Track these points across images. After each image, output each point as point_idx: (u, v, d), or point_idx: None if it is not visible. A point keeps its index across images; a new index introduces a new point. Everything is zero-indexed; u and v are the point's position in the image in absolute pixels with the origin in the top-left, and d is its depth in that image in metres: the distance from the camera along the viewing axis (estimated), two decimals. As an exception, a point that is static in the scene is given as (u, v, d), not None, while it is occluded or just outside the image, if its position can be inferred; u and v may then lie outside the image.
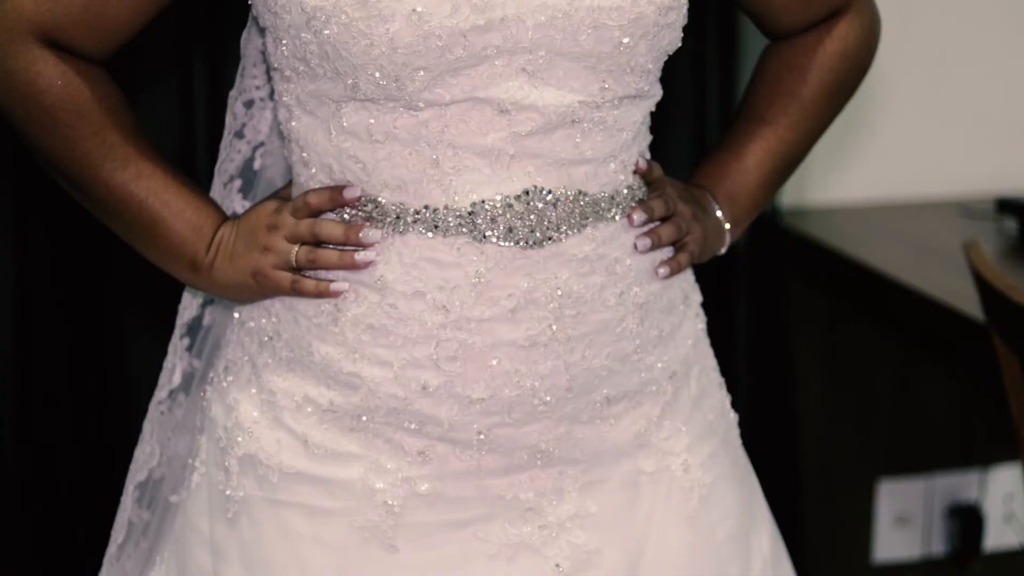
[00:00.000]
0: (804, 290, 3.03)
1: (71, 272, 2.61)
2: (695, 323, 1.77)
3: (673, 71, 2.70)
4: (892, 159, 3.12)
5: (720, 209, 1.82)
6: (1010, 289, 2.12)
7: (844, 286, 2.87)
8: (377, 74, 1.52)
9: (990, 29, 3.14)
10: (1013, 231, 2.86)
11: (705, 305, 1.81)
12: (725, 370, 1.85)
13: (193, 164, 2.52)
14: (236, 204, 1.79)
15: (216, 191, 1.79)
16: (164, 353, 1.82)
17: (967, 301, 2.41)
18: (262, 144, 1.79)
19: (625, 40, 1.56)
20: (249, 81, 1.78)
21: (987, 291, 2.18)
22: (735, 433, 1.83)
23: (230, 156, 1.80)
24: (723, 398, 1.82)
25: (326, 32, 1.52)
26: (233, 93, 1.79)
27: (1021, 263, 2.74)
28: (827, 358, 3.11)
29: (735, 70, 2.80)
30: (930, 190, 3.13)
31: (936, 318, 2.51)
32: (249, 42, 1.76)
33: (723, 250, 1.83)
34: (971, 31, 3.12)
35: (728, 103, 2.83)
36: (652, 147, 1.72)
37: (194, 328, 1.81)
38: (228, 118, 1.80)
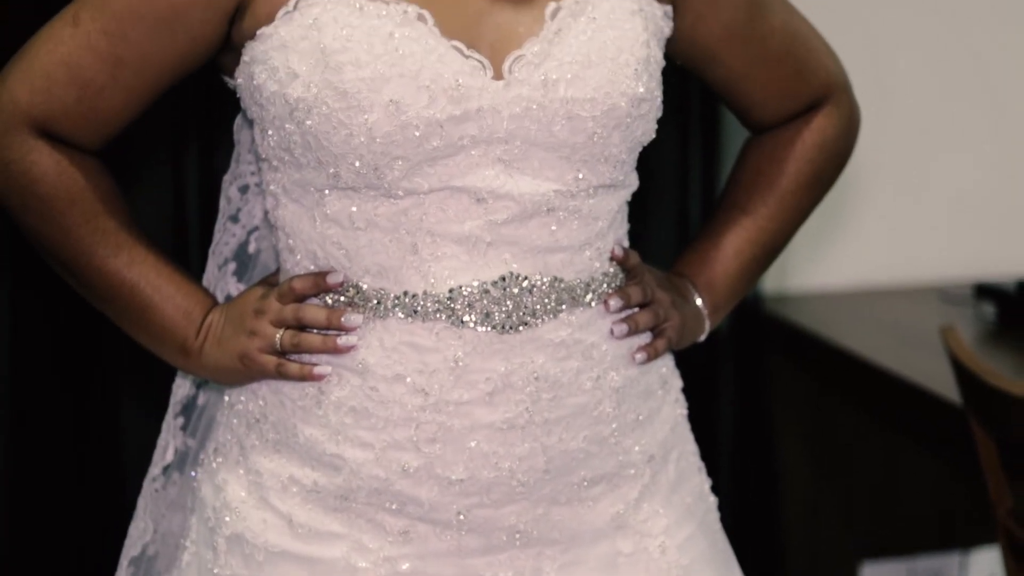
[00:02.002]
0: (787, 375, 3.07)
1: (66, 348, 2.64)
2: (674, 408, 1.80)
3: (657, 160, 2.76)
4: (872, 245, 3.17)
5: (699, 297, 1.85)
6: (985, 373, 2.16)
7: (826, 371, 2.91)
8: (357, 163, 1.57)
9: (967, 116, 3.19)
10: (991, 316, 2.90)
11: (689, 390, 1.84)
12: (709, 453, 1.89)
13: (185, 248, 2.56)
14: (231, 287, 1.83)
15: (210, 274, 1.84)
16: (158, 430, 1.85)
17: (945, 385, 2.44)
18: (256, 228, 1.83)
19: (599, 131, 1.61)
20: (244, 167, 1.83)
21: (963, 375, 2.22)
22: (714, 516, 1.86)
23: (224, 239, 1.84)
24: (702, 482, 1.85)
25: (308, 123, 1.57)
26: (227, 178, 1.84)
27: (999, 348, 2.78)
28: (810, 441, 3.14)
29: (718, 160, 2.85)
30: (910, 275, 3.18)
31: (915, 402, 2.55)
32: (242, 129, 1.82)
33: (702, 337, 1.86)
34: (949, 118, 3.18)
35: (711, 192, 2.88)
36: (637, 234, 1.77)
37: (189, 407, 1.85)
38: (222, 202, 1.84)
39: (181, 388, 1.85)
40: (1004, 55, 3.19)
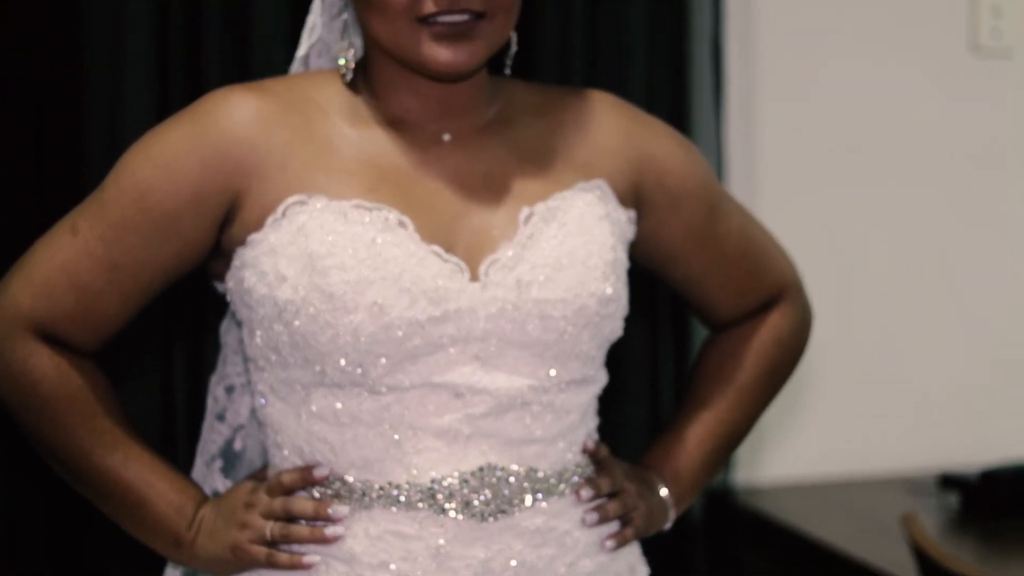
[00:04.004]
0: (758, 564, 3.10)
1: (56, 539, 2.67)
2: (641, 594, 1.87)
3: (629, 357, 2.84)
4: (839, 436, 3.21)
5: (665, 487, 1.91)
6: (944, 558, 2.21)
7: (796, 561, 2.95)
8: (343, 361, 1.66)
9: (930, 310, 3.26)
10: (955, 506, 2.96)
11: (664, 580, 1.91)
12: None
13: (174, 444, 2.61)
14: (218, 483, 1.90)
15: (198, 470, 1.91)
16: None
17: (911, 573, 2.49)
18: (242, 426, 1.91)
19: (569, 329, 1.70)
20: (230, 368, 1.90)
21: (924, 562, 2.28)
22: None
23: (212, 438, 1.91)
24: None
25: (296, 323, 1.66)
26: (215, 378, 1.91)
27: (963, 538, 2.82)
28: (782, 630, 3.17)
29: (687, 356, 2.93)
30: (876, 466, 3.21)
31: (883, 589, 2.59)
32: (229, 332, 1.90)
33: (668, 525, 1.92)
34: (913, 311, 3.24)
35: (681, 387, 2.94)
36: (611, 427, 1.85)
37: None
38: (209, 401, 1.92)
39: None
40: (967, 249, 3.26)
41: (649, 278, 1.94)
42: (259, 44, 2.64)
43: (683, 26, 2.89)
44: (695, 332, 2.90)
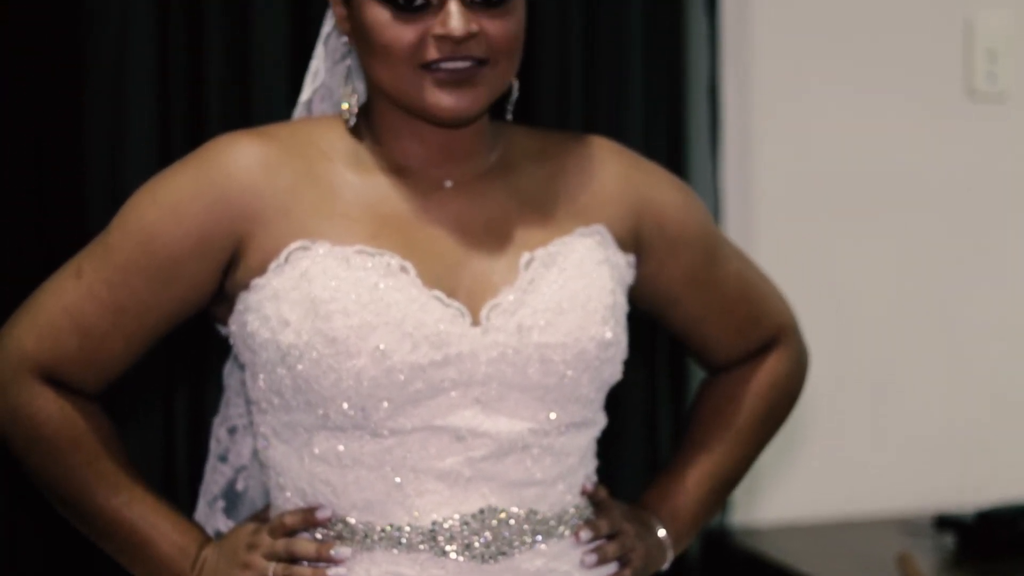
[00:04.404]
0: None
1: (60, 568, 2.67)
2: (639, 635, 1.89)
3: (627, 399, 2.85)
4: (836, 478, 3.21)
5: (663, 528, 1.93)
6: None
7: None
8: (345, 405, 1.68)
9: (926, 353, 3.27)
10: (951, 546, 2.96)
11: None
12: None
13: (175, 485, 2.62)
14: (220, 523, 1.92)
15: (201, 510, 1.92)
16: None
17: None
18: (244, 467, 1.92)
19: (569, 373, 1.72)
20: (233, 410, 1.92)
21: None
22: None
23: (215, 478, 1.93)
24: None
25: (299, 367, 1.68)
26: (217, 420, 1.93)
27: (960, 578, 2.85)
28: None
29: (684, 398, 2.94)
30: (872, 507, 3.22)
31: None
32: (231, 374, 1.91)
33: (666, 566, 1.94)
34: (909, 354, 3.25)
35: (679, 429, 2.95)
36: (609, 469, 1.86)
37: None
38: (212, 443, 1.94)
39: None
40: (962, 291, 3.27)
41: (648, 321, 1.96)
42: (260, 91, 2.65)
43: (680, 70, 2.91)
44: (693, 374, 2.91)
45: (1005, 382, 3.32)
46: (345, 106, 1.79)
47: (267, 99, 2.62)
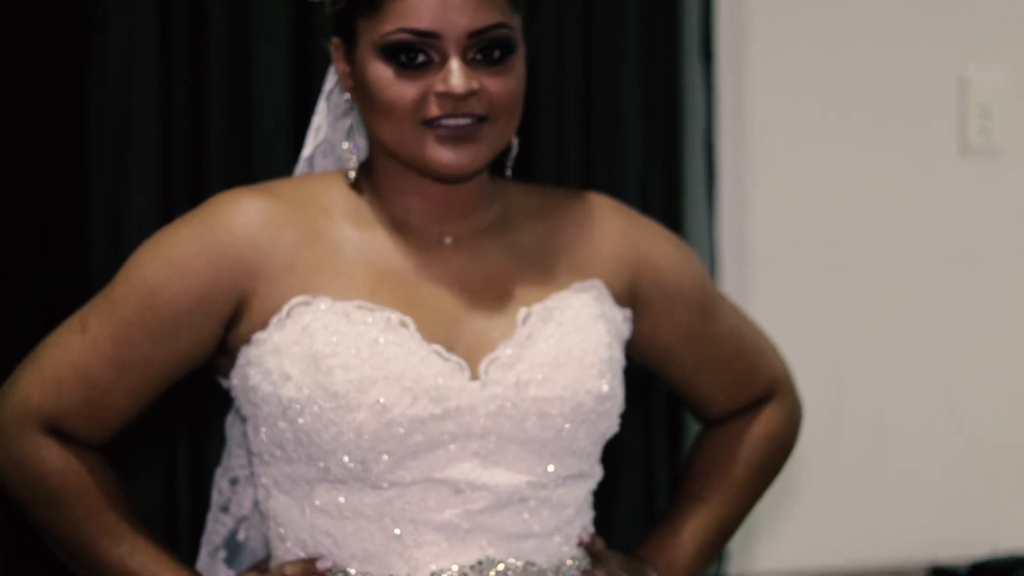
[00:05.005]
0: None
1: None
2: None
3: (624, 451, 2.86)
4: (830, 528, 3.22)
5: (659, 578, 1.95)
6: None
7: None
8: (346, 458, 1.69)
9: (921, 405, 3.28)
10: (946, 598, 2.98)
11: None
12: None
13: (177, 535, 2.62)
14: (222, 573, 1.93)
15: (203, 560, 1.94)
16: None
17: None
18: (245, 518, 1.94)
19: (567, 426, 1.74)
20: (235, 460, 1.93)
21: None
22: None
23: (216, 528, 1.94)
24: None
25: (300, 421, 1.70)
26: (219, 471, 1.95)
27: (955, 631, 2.85)
28: None
29: (680, 450, 2.95)
30: (867, 557, 3.22)
31: None
32: (233, 426, 1.93)
33: (662, 613, 1.96)
34: (903, 407, 3.26)
35: (675, 480, 2.95)
36: (606, 520, 1.88)
37: None
38: (214, 493, 1.95)
39: None
40: (956, 344, 3.27)
41: (644, 373, 1.98)
42: (260, 140, 2.67)
43: (676, 125, 2.93)
44: (689, 426, 2.92)
45: (999, 435, 3.33)
46: (350, 164, 1.81)
47: (268, 151, 2.64)
